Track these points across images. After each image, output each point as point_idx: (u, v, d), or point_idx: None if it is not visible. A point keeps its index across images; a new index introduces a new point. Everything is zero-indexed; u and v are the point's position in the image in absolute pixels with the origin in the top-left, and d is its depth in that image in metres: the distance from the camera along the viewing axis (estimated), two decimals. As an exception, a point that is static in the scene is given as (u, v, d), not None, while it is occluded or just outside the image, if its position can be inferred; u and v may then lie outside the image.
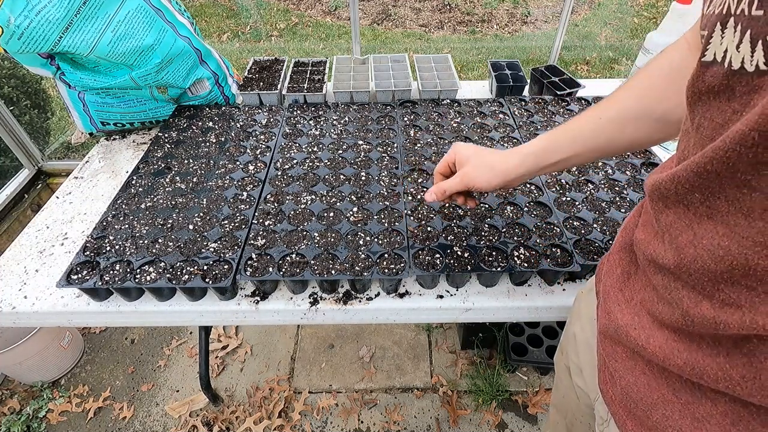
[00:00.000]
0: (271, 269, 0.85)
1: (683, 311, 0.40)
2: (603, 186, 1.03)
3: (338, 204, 1.00)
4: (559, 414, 0.87)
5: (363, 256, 0.87)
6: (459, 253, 0.87)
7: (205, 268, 0.86)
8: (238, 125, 1.28)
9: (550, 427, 0.93)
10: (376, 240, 0.90)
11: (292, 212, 0.98)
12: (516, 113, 1.30)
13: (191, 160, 1.15)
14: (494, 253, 0.87)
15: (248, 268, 0.86)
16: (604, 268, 0.61)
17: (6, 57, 1.87)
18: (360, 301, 0.88)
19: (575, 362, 0.73)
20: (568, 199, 1.00)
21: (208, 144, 1.21)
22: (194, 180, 1.09)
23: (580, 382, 0.72)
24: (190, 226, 0.95)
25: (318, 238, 0.91)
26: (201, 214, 0.98)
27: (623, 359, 0.51)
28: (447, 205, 0.98)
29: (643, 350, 0.46)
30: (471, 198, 0.83)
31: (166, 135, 1.25)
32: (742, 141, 0.30)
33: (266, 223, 0.95)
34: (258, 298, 0.89)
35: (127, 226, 0.96)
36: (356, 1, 1.78)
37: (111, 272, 0.86)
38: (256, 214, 0.98)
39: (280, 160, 1.15)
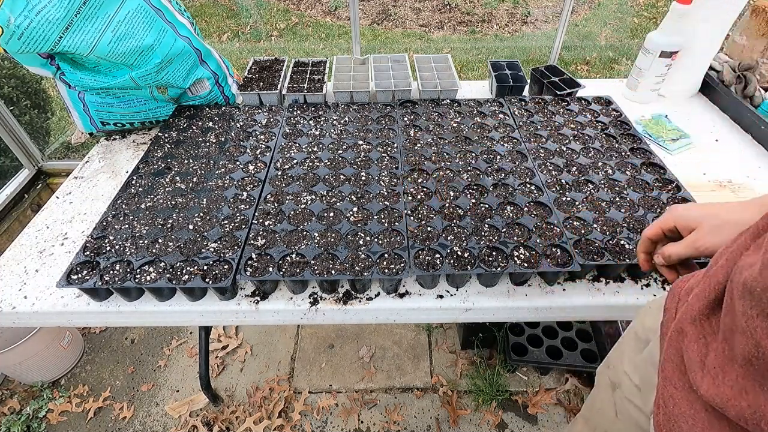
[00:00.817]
0: (271, 269, 0.85)
1: (756, 341, 0.38)
2: (603, 186, 1.03)
3: (338, 204, 1.00)
4: (587, 427, 0.86)
5: (363, 256, 0.87)
6: (459, 253, 0.87)
7: (205, 268, 0.86)
8: (238, 125, 1.28)
9: None
10: (376, 240, 0.90)
11: (292, 212, 0.98)
12: (516, 113, 1.30)
13: (191, 160, 1.15)
14: (494, 253, 0.87)
15: (248, 268, 0.86)
16: (694, 290, 0.54)
17: (6, 57, 1.87)
18: (360, 301, 0.88)
19: (630, 379, 0.71)
20: (568, 199, 1.00)
21: (208, 144, 1.21)
22: (194, 180, 1.09)
23: (637, 400, 0.69)
24: (190, 226, 0.95)
25: (318, 238, 0.91)
26: (201, 214, 0.98)
27: (682, 388, 0.48)
28: (447, 204, 0.98)
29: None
30: (689, 266, 0.70)
31: (166, 135, 1.25)
32: None
33: (266, 223, 0.95)
34: (258, 298, 0.89)
35: (127, 226, 0.96)
36: (356, 1, 1.78)
37: (111, 272, 0.86)
38: (256, 214, 0.98)
39: (280, 160, 1.15)
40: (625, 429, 0.73)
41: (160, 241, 0.92)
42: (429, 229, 0.93)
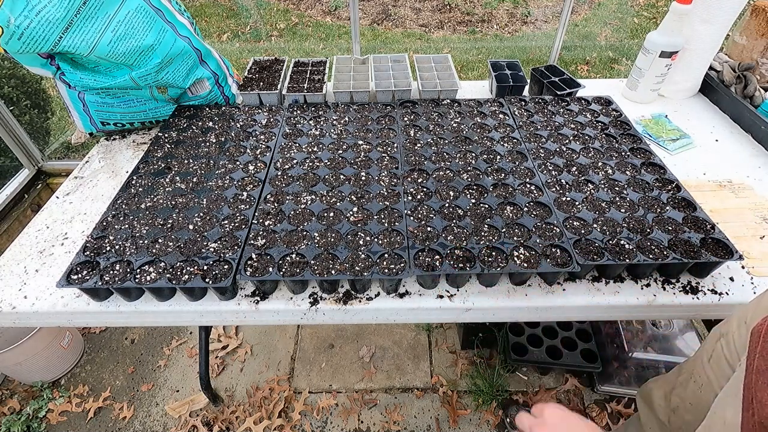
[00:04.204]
0: (271, 269, 0.85)
1: None
2: (603, 186, 1.03)
3: (338, 204, 1.00)
4: (681, 370, 0.90)
5: (363, 256, 0.87)
6: (459, 253, 0.87)
7: (205, 268, 0.86)
8: (238, 125, 1.28)
9: None
10: (376, 240, 0.90)
11: (292, 212, 0.98)
12: (516, 113, 1.30)
13: (191, 160, 1.15)
14: (494, 253, 0.87)
15: (248, 268, 0.86)
16: None
17: (6, 57, 1.87)
18: (360, 301, 0.88)
19: (733, 335, 0.75)
20: (568, 199, 1.00)
21: (208, 144, 1.21)
22: (194, 180, 1.09)
23: (730, 354, 0.75)
24: (190, 226, 0.95)
25: (318, 238, 0.91)
26: (201, 214, 0.98)
27: None
28: (447, 204, 0.98)
29: None
30: None
31: (166, 135, 1.25)
32: None
33: (266, 223, 0.95)
34: (258, 298, 0.89)
35: (127, 226, 0.96)
36: (356, 1, 1.78)
37: (111, 272, 0.86)
38: (256, 214, 0.98)
39: (280, 160, 1.15)
40: (712, 374, 0.78)
41: (160, 241, 0.92)
42: (429, 229, 0.93)
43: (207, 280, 0.84)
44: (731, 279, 0.91)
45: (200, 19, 4.67)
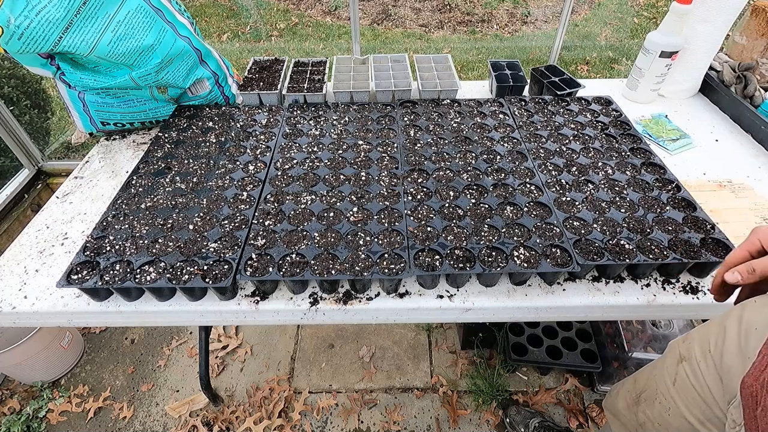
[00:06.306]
0: (271, 269, 0.85)
1: None
2: (603, 186, 1.03)
3: (338, 204, 1.00)
4: (635, 386, 0.88)
5: (363, 256, 0.87)
6: (459, 253, 0.87)
7: (205, 268, 0.86)
8: (238, 125, 1.28)
9: None
10: (376, 240, 0.90)
11: (292, 212, 0.98)
12: (516, 113, 1.30)
13: (191, 160, 1.15)
14: (494, 253, 0.87)
15: (248, 268, 0.86)
16: None
17: (6, 57, 1.87)
18: (360, 301, 0.88)
19: (697, 359, 0.73)
20: (568, 199, 1.00)
21: (208, 144, 1.21)
22: (194, 180, 1.09)
23: (695, 380, 0.73)
24: (190, 226, 0.95)
25: (318, 238, 0.91)
26: (201, 214, 0.98)
27: None
28: (447, 204, 0.98)
29: None
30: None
31: (166, 135, 1.25)
32: None
33: (266, 223, 0.95)
34: (258, 298, 0.89)
35: (127, 226, 0.96)
36: (356, 1, 1.78)
37: (111, 272, 0.86)
38: (256, 214, 0.98)
39: (280, 160, 1.15)
40: (680, 400, 0.75)
41: (160, 241, 0.92)
42: (429, 229, 0.93)
43: (207, 280, 0.84)
44: (731, 279, 0.91)
45: (200, 19, 4.67)
